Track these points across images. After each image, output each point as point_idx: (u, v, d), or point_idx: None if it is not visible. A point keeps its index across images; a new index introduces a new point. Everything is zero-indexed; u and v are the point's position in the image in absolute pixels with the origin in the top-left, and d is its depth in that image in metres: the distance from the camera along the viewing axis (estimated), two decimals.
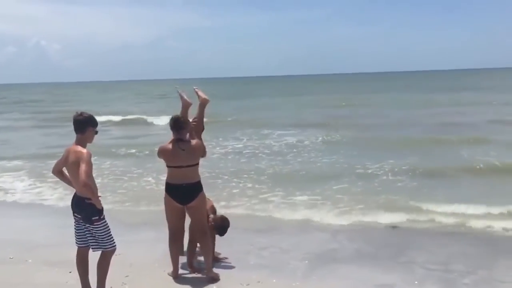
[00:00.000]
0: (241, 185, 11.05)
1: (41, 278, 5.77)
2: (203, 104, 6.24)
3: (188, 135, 5.64)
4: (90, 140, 4.85)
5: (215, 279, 5.62)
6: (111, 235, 4.82)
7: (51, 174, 5.13)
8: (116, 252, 6.42)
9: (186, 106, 6.18)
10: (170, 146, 5.54)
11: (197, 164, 5.58)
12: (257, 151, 15.92)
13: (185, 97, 6.21)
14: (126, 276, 5.74)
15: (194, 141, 5.59)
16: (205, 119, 6.25)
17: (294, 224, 8.17)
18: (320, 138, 18.00)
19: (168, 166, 5.57)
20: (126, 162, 14.58)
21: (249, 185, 10.98)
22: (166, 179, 5.62)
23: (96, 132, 4.90)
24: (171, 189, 5.55)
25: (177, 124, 5.55)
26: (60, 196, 10.17)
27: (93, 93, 79.22)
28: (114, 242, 4.87)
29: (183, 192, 5.50)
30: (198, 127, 6.05)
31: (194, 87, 6.45)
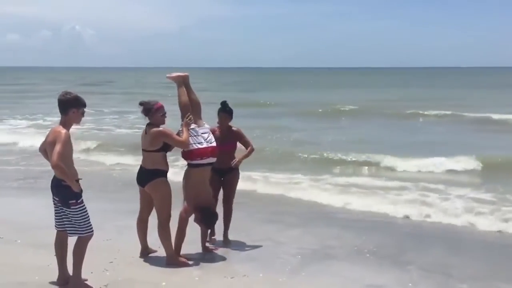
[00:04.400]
0: None
1: (26, 259, 5.68)
2: (178, 83, 5.86)
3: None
4: (76, 121, 4.69)
5: (174, 264, 5.59)
6: (88, 220, 4.66)
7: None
8: (106, 237, 6.31)
9: (177, 81, 5.86)
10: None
11: (152, 151, 5.45)
12: None
13: (173, 74, 5.92)
14: (111, 262, 5.60)
15: (155, 129, 5.46)
16: None
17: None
18: None
19: None
20: None
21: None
22: None
23: (83, 113, 4.73)
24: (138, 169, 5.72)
25: (142, 109, 5.57)
26: None
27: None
28: (91, 228, 4.70)
29: (139, 174, 5.65)
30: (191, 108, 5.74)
31: (167, 75, 6.03)
